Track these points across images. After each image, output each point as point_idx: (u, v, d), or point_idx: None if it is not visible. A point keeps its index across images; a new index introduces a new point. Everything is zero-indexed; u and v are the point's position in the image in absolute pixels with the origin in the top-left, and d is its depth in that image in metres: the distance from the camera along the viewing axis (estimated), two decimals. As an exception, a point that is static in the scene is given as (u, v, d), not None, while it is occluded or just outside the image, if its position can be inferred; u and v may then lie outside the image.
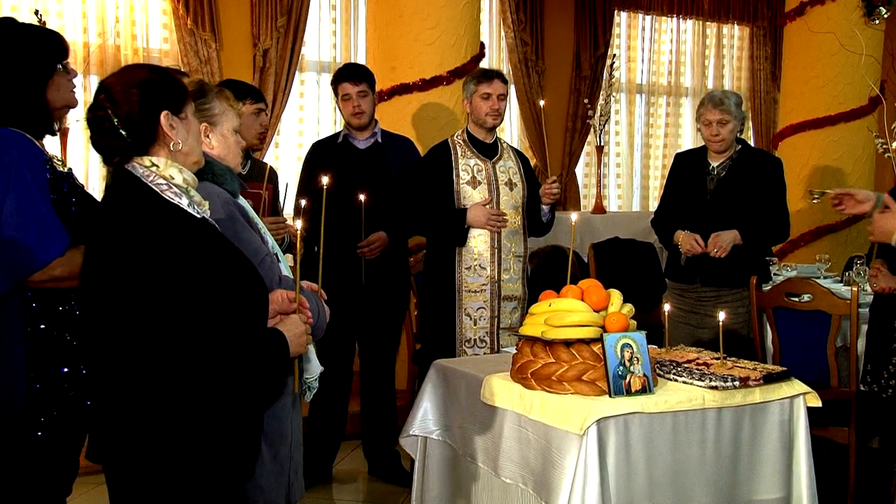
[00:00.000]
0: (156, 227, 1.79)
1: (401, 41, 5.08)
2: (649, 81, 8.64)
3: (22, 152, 2.25)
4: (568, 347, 2.51)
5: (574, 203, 7.99)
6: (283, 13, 6.90)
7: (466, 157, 3.93)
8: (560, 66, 8.00)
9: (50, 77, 2.35)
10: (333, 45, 7.42)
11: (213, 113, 2.33)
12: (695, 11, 8.60)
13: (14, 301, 2.22)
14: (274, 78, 6.87)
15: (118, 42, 6.65)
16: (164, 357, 1.74)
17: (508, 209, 3.91)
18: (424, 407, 2.99)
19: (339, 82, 4.13)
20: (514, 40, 7.76)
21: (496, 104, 3.91)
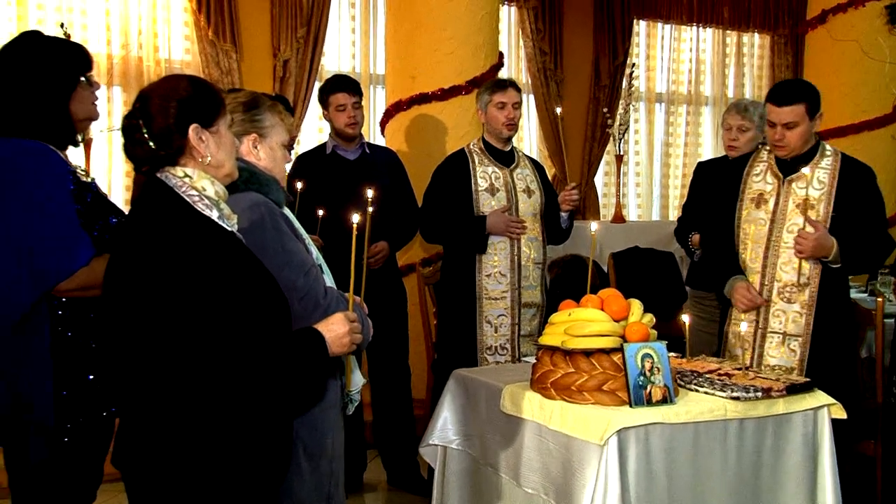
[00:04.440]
0: (187, 237, 1.80)
1: (420, 51, 5.09)
2: (669, 90, 8.62)
3: (46, 164, 2.28)
4: (588, 357, 2.50)
5: (593, 212, 7.97)
6: (303, 24, 6.94)
7: (484, 165, 3.94)
8: (579, 76, 8.00)
9: (73, 89, 2.37)
10: (353, 55, 7.47)
11: (263, 125, 2.35)
12: (715, 20, 8.57)
13: (41, 310, 2.25)
14: (294, 88, 6.91)
15: (141, 54, 6.72)
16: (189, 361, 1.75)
17: (527, 216, 3.91)
18: (444, 416, 2.99)
19: (333, 93, 4.15)
20: (533, 49, 7.77)
21: (511, 113, 3.92)
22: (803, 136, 3.26)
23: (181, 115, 1.87)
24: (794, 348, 3.24)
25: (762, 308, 3.29)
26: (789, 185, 3.31)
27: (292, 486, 2.21)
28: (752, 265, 3.33)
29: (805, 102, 3.22)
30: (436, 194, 4.01)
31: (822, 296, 3.22)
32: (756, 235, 3.33)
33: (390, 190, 4.12)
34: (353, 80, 4.25)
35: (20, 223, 2.22)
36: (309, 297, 2.20)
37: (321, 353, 1.91)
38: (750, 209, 3.37)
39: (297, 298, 2.10)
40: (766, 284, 3.30)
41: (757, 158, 3.46)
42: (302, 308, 2.12)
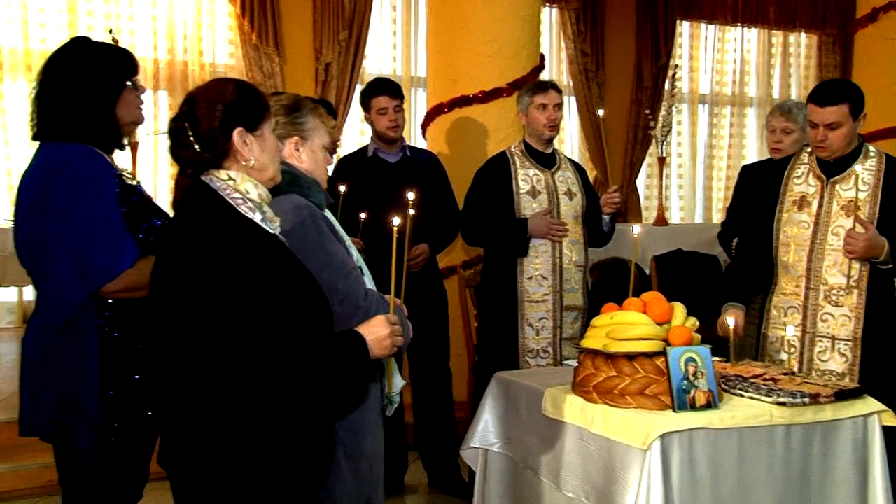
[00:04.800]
0: (231, 239, 1.82)
1: (461, 54, 5.09)
2: (713, 91, 8.53)
3: (93, 167, 2.31)
4: (630, 361, 2.48)
5: (635, 215, 7.91)
6: (344, 27, 6.99)
7: (525, 168, 3.92)
8: (621, 77, 7.95)
9: (119, 94, 2.40)
10: (394, 58, 7.50)
11: (305, 128, 2.37)
12: (760, 20, 8.46)
13: (89, 310, 2.28)
14: (335, 91, 6.96)
15: (186, 58, 6.83)
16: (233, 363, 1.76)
17: (568, 219, 3.89)
18: (485, 419, 2.98)
19: (375, 96, 4.16)
20: (575, 51, 7.73)
21: (552, 114, 3.90)
22: (847, 137, 3.17)
23: (226, 119, 1.89)
24: (845, 352, 3.18)
25: (809, 312, 3.23)
26: (833, 187, 3.24)
27: (332, 487, 2.21)
28: (795, 268, 3.26)
29: (848, 102, 3.14)
30: (477, 197, 4.00)
31: (871, 298, 3.16)
32: (799, 238, 3.26)
33: (431, 192, 4.12)
34: (395, 83, 4.26)
35: (68, 225, 2.25)
36: (349, 299, 2.20)
37: (362, 356, 1.91)
38: (791, 211, 3.30)
39: (337, 300, 2.10)
40: (811, 288, 3.24)
41: (798, 160, 3.38)
42: (342, 310, 2.13)
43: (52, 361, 2.32)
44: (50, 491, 3.71)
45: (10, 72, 6.42)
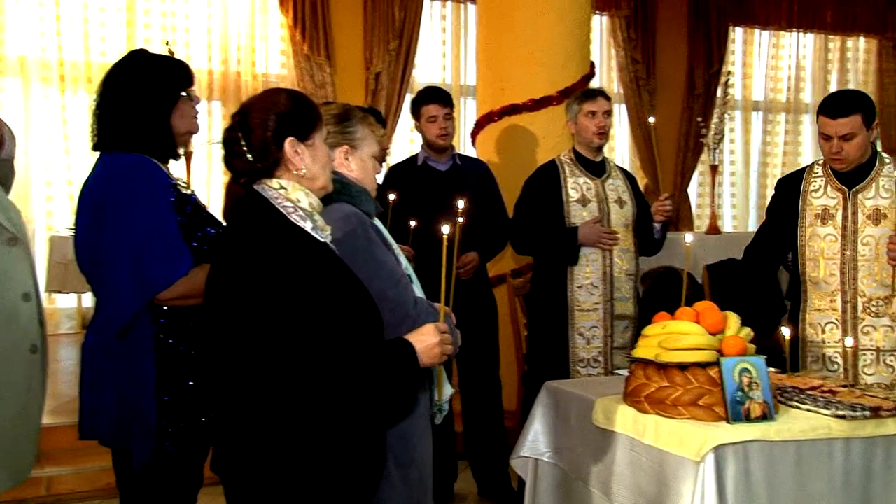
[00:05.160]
0: (282, 248, 1.83)
1: (511, 62, 5.08)
2: (767, 98, 8.39)
3: (149, 177, 2.35)
4: (683, 371, 2.45)
5: (687, 223, 7.83)
6: (394, 37, 7.05)
7: (575, 176, 3.90)
8: (672, 84, 7.87)
9: (174, 104, 2.44)
10: (443, 66, 7.54)
11: (355, 137, 2.39)
12: (817, 25, 8.30)
13: (145, 318, 2.32)
14: (385, 100, 7.01)
15: (239, 69, 6.94)
16: (286, 371, 1.77)
17: (619, 227, 3.86)
18: (535, 428, 2.96)
19: (425, 104, 4.17)
20: (625, 59, 7.69)
21: (602, 122, 3.87)
22: (861, 147, 3.15)
23: (279, 129, 1.91)
24: (892, 363, 3.12)
25: (848, 326, 3.19)
26: (855, 197, 3.21)
27: (383, 494, 2.21)
28: (827, 283, 3.21)
29: (861, 112, 3.12)
30: (526, 206, 3.99)
31: None
32: (828, 252, 3.22)
33: (481, 201, 4.12)
34: (445, 92, 4.28)
35: (124, 234, 2.29)
36: (399, 307, 2.21)
37: (412, 364, 1.91)
38: (815, 225, 3.26)
39: (387, 309, 2.11)
40: (848, 301, 3.18)
41: (811, 173, 3.35)
42: (392, 318, 2.13)
43: (109, 367, 2.36)
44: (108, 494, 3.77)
45: (72, 84, 6.60)
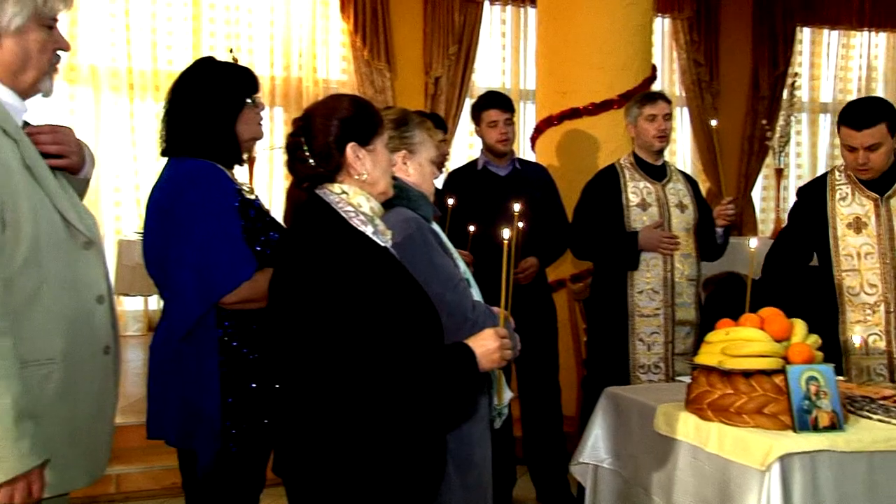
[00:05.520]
0: (343, 252, 1.85)
1: (571, 66, 5.06)
2: (836, 100, 8.19)
3: (214, 182, 2.39)
4: (747, 378, 2.40)
5: (751, 228, 7.69)
6: (454, 41, 7.07)
7: (635, 180, 3.87)
8: (736, 87, 7.74)
9: (239, 111, 2.48)
10: (503, 71, 7.53)
11: (413, 142, 2.41)
12: (890, 23, 8.07)
13: (209, 320, 2.36)
14: (445, 105, 7.04)
15: (301, 74, 7.04)
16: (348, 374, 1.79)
17: (680, 231, 3.81)
18: (595, 434, 2.94)
19: (486, 109, 4.17)
20: (688, 61, 7.59)
21: (662, 125, 3.83)
22: (887, 155, 3.13)
23: (341, 134, 1.93)
24: None
25: (894, 337, 3.12)
26: (888, 203, 3.16)
27: (442, 497, 2.22)
28: (869, 295, 3.13)
29: (885, 121, 3.07)
30: (586, 210, 3.97)
31: None
32: (865, 263, 3.17)
33: (541, 205, 4.11)
34: (506, 97, 4.28)
35: (190, 238, 2.33)
36: (457, 311, 2.22)
37: (472, 369, 1.91)
38: (848, 236, 3.19)
39: (445, 313, 2.12)
40: (892, 311, 3.11)
41: (834, 181, 3.28)
42: (450, 322, 2.14)
43: (175, 369, 2.41)
44: (175, 493, 3.85)
45: (140, 91, 6.78)
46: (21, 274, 1.74)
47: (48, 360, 1.79)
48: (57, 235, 1.82)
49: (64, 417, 1.82)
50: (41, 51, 1.84)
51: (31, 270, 1.76)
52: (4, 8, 1.77)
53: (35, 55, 1.83)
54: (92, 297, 1.89)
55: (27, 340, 1.74)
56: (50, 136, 1.91)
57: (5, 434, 1.63)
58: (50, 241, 1.80)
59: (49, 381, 1.79)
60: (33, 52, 1.82)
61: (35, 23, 1.81)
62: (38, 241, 1.77)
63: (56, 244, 1.81)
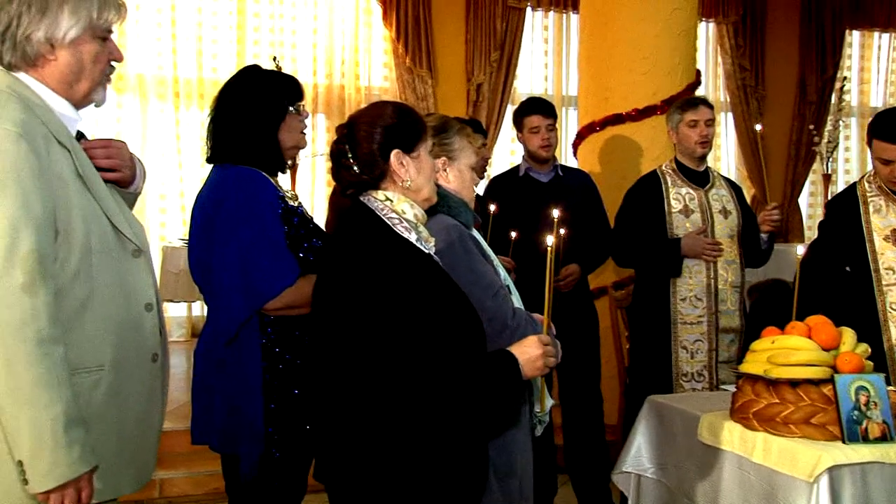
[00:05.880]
0: (387, 259, 1.86)
1: (614, 71, 5.03)
2: (886, 104, 8.04)
3: (257, 189, 2.41)
4: (794, 388, 2.37)
5: (797, 234, 7.57)
6: (496, 48, 7.07)
7: (677, 186, 3.83)
8: (782, 92, 7.64)
9: (282, 119, 2.50)
10: (545, 77, 7.52)
11: (453, 148, 2.42)
12: (942, 26, 7.91)
13: (252, 327, 2.39)
14: (486, 111, 7.04)
15: (343, 82, 7.10)
16: (391, 382, 1.80)
17: (723, 238, 3.77)
18: (638, 443, 2.92)
19: (528, 115, 4.16)
20: (733, 66, 7.50)
21: (704, 130, 3.80)
22: None
23: (385, 141, 1.94)
24: None
25: None
26: None
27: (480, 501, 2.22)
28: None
29: None
30: (628, 217, 3.94)
31: None
32: None
33: (583, 212, 4.09)
34: (548, 103, 4.27)
35: (233, 245, 2.36)
36: (497, 318, 2.22)
37: (515, 376, 1.90)
38: (887, 249, 3.11)
39: (485, 319, 2.12)
40: None
41: (865, 193, 3.21)
42: (490, 329, 2.14)
43: (219, 375, 2.43)
44: (218, 498, 3.89)
45: (185, 100, 6.89)
46: (73, 282, 1.77)
47: (97, 367, 1.82)
48: (107, 244, 1.85)
49: (112, 424, 1.85)
50: (95, 62, 1.88)
51: (82, 279, 1.79)
52: (59, 20, 1.81)
53: (89, 66, 1.87)
54: (141, 304, 1.92)
55: (77, 347, 1.77)
56: (103, 150, 1.96)
57: (56, 440, 1.66)
58: (101, 249, 1.83)
59: (98, 388, 1.82)
60: (87, 63, 1.86)
61: (89, 34, 1.85)
62: (89, 249, 1.80)
63: (106, 252, 1.84)
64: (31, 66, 1.83)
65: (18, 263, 1.65)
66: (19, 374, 1.64)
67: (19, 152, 1.68)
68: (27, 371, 1.64)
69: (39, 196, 1.70)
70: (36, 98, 1.82)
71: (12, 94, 1.78)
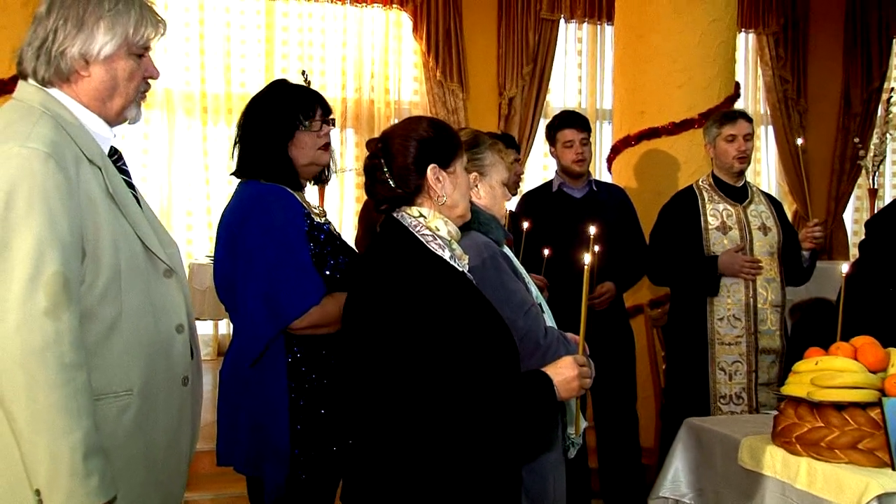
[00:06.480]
0: (420, 277, 1.86)
1: (650, 84, 5.02)
2: (935, 116, 7.92)
3: (282, 206, 2.43)
4: (839, 411, 2.33)
5: (841, 252, 7.48)
6: (528, 61, 7.08)
7: (714, 202, 3.81)
8: (825, 104, 7.57)
9: (291, 135, 2.49)
10: (579, 90, 7.51)
11: (484, 164, 2.43)
12: None
13: (278, 346, 2.39)
14: (518, 125, 7.04)
15: (372, 96, 7.14)
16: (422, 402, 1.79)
17: (763, 255, 3.74)
18: (675, 467, 2.88)
19: (561, 129, 4.15)
20: (773, 78, 7.45)
21: (743, 146, 3.77)
22: None
23: (420, 155, 1.95)
24: None
25: None
26: None
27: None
28: None
29: None
30: (663, 234, 3.92)
31: None
32: None
33: (618, 229, 4.07)
34: (582, 116, 4.26)
35: (258, 263, 2.37)
36: (529, 337, 2.21)
37: (550, 398, 1.89)
38: None
39: (517, 338, 2.11)
40: None
41: None
42: (522, 348, 2.13)
43: (245, 395, 2.44)
44: (242, 520, 3.91)
45: (213, 115, 6.97)
46: (100, 304, 1.77)
47: (126, 391, 1.80)
48: (137, 264, 1.85)
49: (139, 451, 1.83)
50: (129, 79, 1.89)
51: (110, 300, 1.78)
52: (95, 36, 1.83)
53: (123, 83, 1.88)
54: (171, 326, 1.90)
55: (105, 371, 1.77)
56: None
57: (74, 469, 1.65)
58: (130, 270, 1.82)
59: (126, 413, 1.80)
60: (121, 80, 1.87)
61: (124, 51, 1.86)
62: (118, 270, 1.80)
63: (136, 273, 1.84)
64: (65, 81, 1.84)
65: (42, 286, 1.65)
66: (39, 399, 1.63)
67: (47, 172, 1.69)
68: (47, 397, 1.63)
69: (67, 217, 1.70)
70: (69, 115, 1.83)
71: (45, 112, 1.79)
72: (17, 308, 1.63)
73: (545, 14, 7.15)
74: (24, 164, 1.68)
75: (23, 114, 1.78)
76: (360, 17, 7.12)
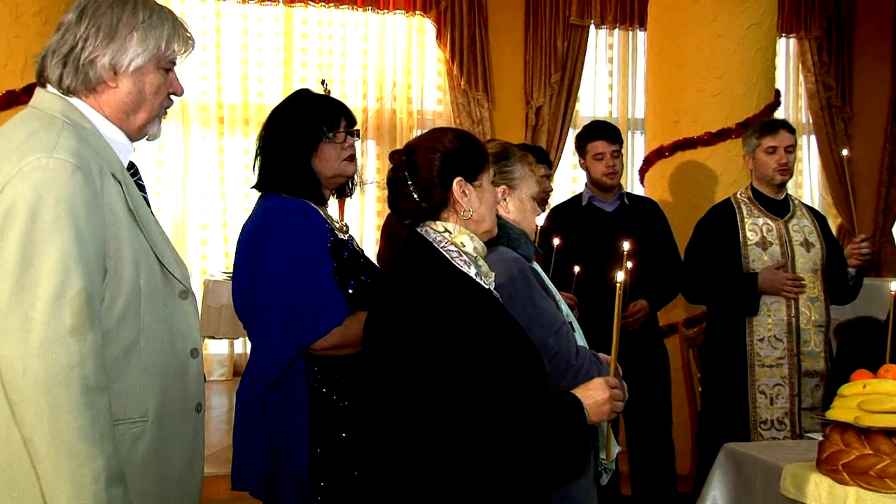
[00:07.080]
0: (444, 295, 1.87)
1: (685, 93, 5.02)
2: None
3: (305, 222, 2.44)
4: (890, 438, 2.31)
5: (890, 268, 7.41)
6: (557, 69, 7.10)
7: (754, 216, 3.79)
8: (872, 112, 7.52)
9: (315, 147, 2.51)
10: (609, 99, 7.52)
11: (513, 177, 2.44)
12: None
13: (299, 367, 2.41)
14: (546, 136, 7.05)
15: (394, 106, 7.18)
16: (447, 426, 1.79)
17: (806, 272, 3.72)
18: (713, 496, 2.87)
19: (591, 140, 4.15)
20: (816, 85, 7.42)
21: (784, 158, 3.75)
22: None
23: (445, 168, 1.96)
24: None
25: None
26: None
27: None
28: None
29: None
30: (699, 249, 3.91)
31: None
32: None
33: (651, 244, 4.07)
34: (613, 127, 4.26)
35: (279, 282, 2.38)
36: (559, 357, 2.21)
37: (580, 422, 1.88)
38: None
39: (547, 358, 2.11)
40: None
41: None
42: (553, 368, 2.13)
43: (262, 417, 2.45)
44: (257, 546, 3.92)
45: (230, 126, 7.04)
46: (119, 326, 1.76)
47: (141, 417, 1.79)
48: (155, 284, 1.84)
49: (153, 480, 1.82)
50: (155, 93, 1.90)
51: (129, 322, 1.78)
52: (126, 47, 1.84)
53: (149, 97, 1.89)
54: (186, 350, 1.90)
55: (121, 396, 1.76)
56: None
57: (96, 498, 1.63)
58: (149, 290, 1.81)
59: (140, 441, 1.79)
60: (148, 94, 1.89)
61: (153, 65, 1.88)
62: (137, 290, 1.79)
63: (155, 294, 1.83)
64: (91, 91, 1.84)
65: (67, 305, 1.63)
66: (62, 424, 1.61)
67: (75, 185, 1.68)
68: (70, 422, 1.62)
69: (92, 232, 1.69)
70: (90, 126, 1.83)
71: (67, 122, 1.79)
72: (41, 327, 1.61)
73: (574, 19, 7.17)
74: (50, 176, 1.67)
75: (44, 123, 1.78)
76: (381, 23, 7.17)
